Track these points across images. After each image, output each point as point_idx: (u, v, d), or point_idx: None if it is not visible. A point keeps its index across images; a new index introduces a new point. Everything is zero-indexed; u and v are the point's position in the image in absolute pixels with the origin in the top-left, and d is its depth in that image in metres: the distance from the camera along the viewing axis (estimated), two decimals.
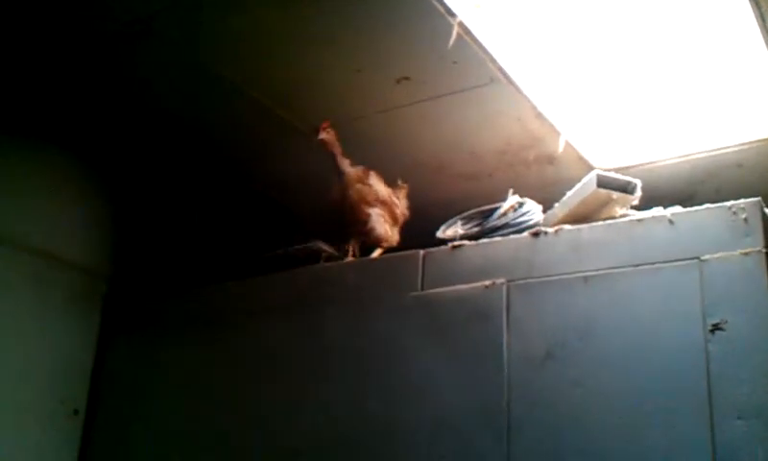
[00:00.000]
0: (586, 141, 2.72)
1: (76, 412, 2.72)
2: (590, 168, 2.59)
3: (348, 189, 2.45)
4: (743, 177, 2.75)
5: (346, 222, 2.47)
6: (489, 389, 2.00)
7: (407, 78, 2.39)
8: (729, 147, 2.68)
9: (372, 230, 2.45)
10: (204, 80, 2.43)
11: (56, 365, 2.68)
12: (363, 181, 2.47)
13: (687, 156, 2.76)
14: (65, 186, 2.80)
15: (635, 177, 2.15)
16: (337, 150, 2.46)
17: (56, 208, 2.75)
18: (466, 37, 2.19)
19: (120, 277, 2.88)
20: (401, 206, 2.56)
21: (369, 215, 2.45)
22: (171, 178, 2.94)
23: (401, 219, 2.55)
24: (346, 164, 2.47)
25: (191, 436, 2.47)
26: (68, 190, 2.81)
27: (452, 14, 2.10)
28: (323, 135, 2.42)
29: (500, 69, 2.33)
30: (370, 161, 2.53)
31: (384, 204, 2.49)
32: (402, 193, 2.59)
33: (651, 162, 2.79)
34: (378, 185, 2.49)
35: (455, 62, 2.30)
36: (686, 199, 2.06)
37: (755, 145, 2.64)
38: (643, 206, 2.12)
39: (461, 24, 2.13)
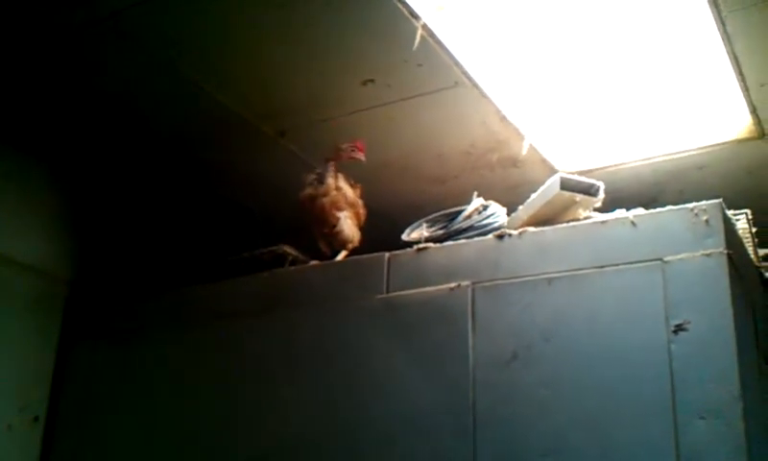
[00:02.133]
0: (549, 144, 2.74)
1: (36, 419, 2.67)
2: (554, 171, 2.60)
3: (323, 196, 2.44)
4: (705, 179, 2.80)
5: (314, 224, 2.45)
6: (455, 390, 2.00)
7: (372, 80, 2.39)
8: (691, 150, 2.72)
9: (340, 232, 2.44)
10: (169, 81, 2.39)
11: (15, 371, 2.63)
12: (337, 186, 2.47)
13: (650, 158, 2.78)
14: (24, 189, 2.75)
15: (598, 179, 2.17)
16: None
17: (14, 212, 2.70)
18: (430, 40, 2.19)
19: (82, 281, 2.84)
20: (362, 206, 2.55)
21: (338, 219, 2.44)
22: (134, 179, 2.91)
23: (362, 220, 2.54)
24: (334, 175, 2.46)
25: (156, 441, 2.44)
26: (27, 193, 2.75)
27: (416, 17, 2.10)
28: (358, 156, 2.44)
29: (464, 72, 2.34)
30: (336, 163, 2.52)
31: (351, 206, 2.48)
32: (358, 192, 2.57)
33: (614, 165, 2.82)
34: (347, 188, 2.49)
35: (420, 65, 2.30)
36: (650, 201, 2.08)
37: (716, 148, 2.68)
38: (607, 208, 2.14)
39: (425, 27, 2.13)
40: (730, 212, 1.98)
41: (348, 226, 2.45)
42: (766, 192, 2.79)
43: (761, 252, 2.29)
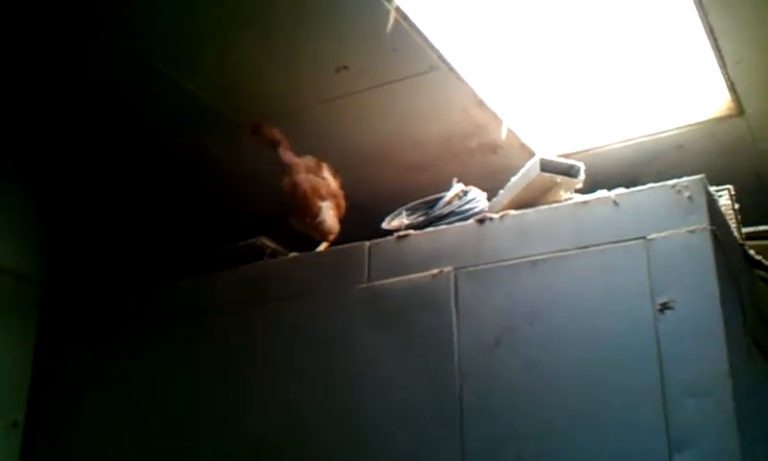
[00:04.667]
0: (528, 129, 2.72)
1: (15, 424, 2.62)
2: (534, 155, 2.57)
3: (297, 180, 2.39)
4: (684, 158, 2.78)
5: (295, 213, 2.41)
6: (441, 377, 1.98)
7: (346, 67, 2.35)
8: (669, 130, 2.71)
9: (321, 222, 2.40)
10: (137, 70, 2.34)
11: None
12: (315, 172, 2.43)
13: (629, 140, 2.78)
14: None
15: (578, 162, 2.15)
16: (278, 144, 2.41)
17: None
18: (404, 24, 2.15)
19: (57, 281, 2.79)
20: (342, 197, 2.52)
21: (320, 208, 2.40)
22: (107, 176, 2.85)
23: (343, 211, 2.50)
24: (290, 156, 2.42)
25: (140, 440, 2.40)
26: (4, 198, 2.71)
27: (389, 0, 2.07)
28: (258, 133, 2.40)
29: (440, 56, 2.30)
30: (313, 152, 2.49)
31: (334, 196, 2.45)
32: (339, 183, 2.53)
33: (593, 148, 2.81)
34: (330, 178, 2.46)
35: (394, 50, 2.26)
36: (630, 182, 2.06)
37: (695, 127, 2.67)
38: (588, 191, 2.12)
39: (398, 9, 2.10)
40: (712, 188, 1.96)
41: (330, 216, 2.41)
42: (746, 170, 2.78)
43: (744, 230, 2.27)
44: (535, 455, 1.83)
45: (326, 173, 2.47)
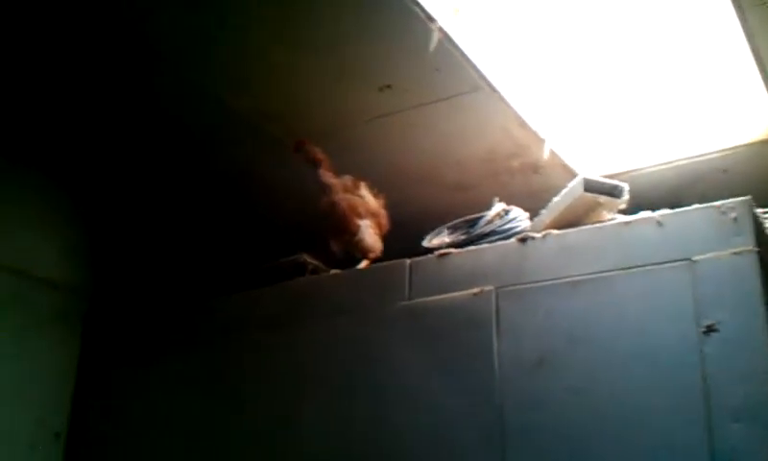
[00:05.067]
0: (570, 149, 2.71)
1: (57, 435, 2.66)
2: (575, 176, 2.56)
3: (335, 200, 2.41)
4: (729, 181, 2.74)
5: (334, 233, 2.43)
6: (481, 397, 1.98)
7: (389, 86, 2.36)
8: (713, 152, 2.69)
9: (360, 240, 2.41)
10: (188, 93, 2.39)
11: (36, 387, 2.63)
12: (352, 191, 2.45)
13: (672, 162, 2.76)
14: (43, 205, 2.76)
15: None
16: (319, 163, 2.44)
17: (33, 227, 2.71)
18: (447, 44, 2.16)
19: (102, 295, 2.84)
20: (384, 215, 2.53)
21: (358, 227, 2.42)
22: (153, 192, 2.90)
23: (384, 230, 2.51)
24: (329, 176, 2.44)
25: (177, 454, 2.42)
26: (46, 209, 2.77)
27: (432, 20, 2.08)
28: (301, 151, 2.43)
29: (482, 77, 2.31)
30: (356, 171, 2.51)
31: (374, 215, 2.46)
32: (382, 203, 2.55)
33: (636, 169, 2.79)
34: (368, 197, 2.47)
35: (437, 70, 2.28)
36: (672, 205, 2.05)
37: (739, 150, 2.65)
38: (629, 212, 2.10)
39: (441, 30, 2.11)
40: (758, 211, 1.94)
41: (370, 234, 2.42)
42: None
43: None
44: None
45: (364, 191, 2.48)
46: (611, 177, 2.58)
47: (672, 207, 2.00)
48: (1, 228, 2.61)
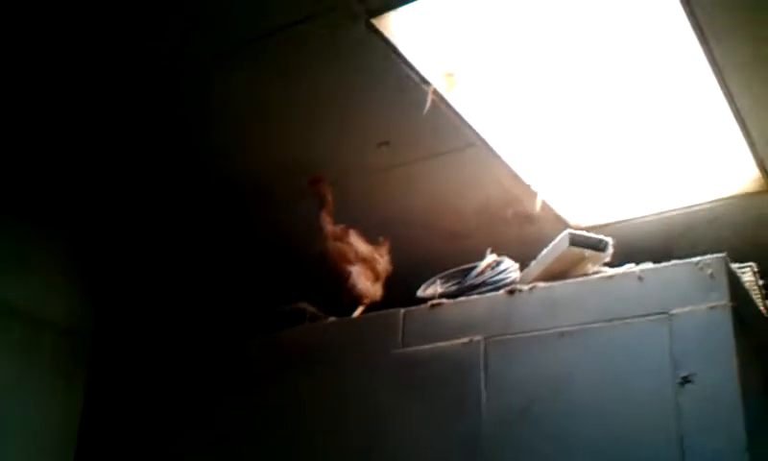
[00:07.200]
0: (563, 200, 2.78)
1: None
2: (568, 226, 2.64)
3: (324, 248, 2.51)
4: (717, 231, 2.80)
5: (329, 279, 2.52)
6: (468, 443, 2.04)
7: (387, 143, 2.47)
8: (702, 204, 2.74)
9: (353, 286, 2.50)
10: (190, 142, 2.51)
11: (43, 426, 2.69)
12: (342, 239, 2.53)
13: (662, 212, 2.81)
14: (47, 252, 2.86)
15: (612, 234, 2.22)
16: (325, 205, 2.54)
17: (44, 273, 2.81)
18: (441, 105, 2.26)
19: (105, 337, 2.91)
20: (383, 262, 2.61)
21: (349, 273, 2.50)
22: (153, 240, 3.00)
23: (384, 274, 2.60)
24: (327, 222, 2.53)
25: None
26: (55, 256, 2.87)
27: (426, 83, 2.19)
28: (315, 186, 2.53)
29: (476, 134, 2.41)
30: (356, 220, 2.60)
31: (365, 261, 2.54)
32: (384, 249, 2.64)
33: (627, 219, 2.84)
34: (358, 243, 2.55)
35: (433, 128, 2.37)
36: (664, 254, 2.12)
37: (726, 201, 2.70)
38: (621, 261, 2.18)
39: (435, 92, 2.21)
40: (735, 266, 2.02)
41: (362, 281, 2.51)
42: None
43: None
44: None
45: (353, 238, 2.56)
46: (603, 227, 2.68)
47: (663, 255, 2.07)
48: (11, 274, 2.70)
